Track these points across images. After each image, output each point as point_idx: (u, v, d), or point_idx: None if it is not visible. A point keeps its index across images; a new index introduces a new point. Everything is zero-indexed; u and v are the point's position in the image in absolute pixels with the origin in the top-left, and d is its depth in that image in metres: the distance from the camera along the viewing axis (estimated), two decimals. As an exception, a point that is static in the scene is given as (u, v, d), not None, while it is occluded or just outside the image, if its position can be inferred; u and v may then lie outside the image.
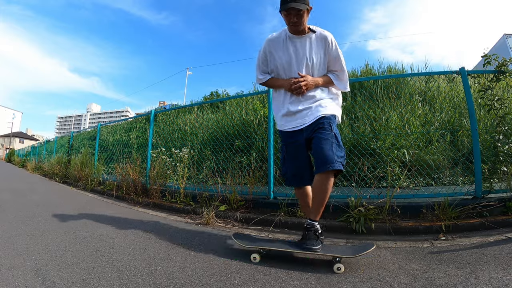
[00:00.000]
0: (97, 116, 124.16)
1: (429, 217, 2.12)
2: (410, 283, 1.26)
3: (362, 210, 2.15)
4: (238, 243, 1.68)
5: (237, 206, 2.79)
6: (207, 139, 4.87)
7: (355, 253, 1.45)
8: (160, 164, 3.81)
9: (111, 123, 8.86)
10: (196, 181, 3.78)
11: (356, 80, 4.38)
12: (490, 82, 2.51)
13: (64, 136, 11.77)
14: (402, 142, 3.42)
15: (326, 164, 1.53)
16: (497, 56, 2.50)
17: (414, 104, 4.09)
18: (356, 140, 3.47)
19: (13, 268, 1.42)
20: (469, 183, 2.85)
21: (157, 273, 1.39)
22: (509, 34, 27.00)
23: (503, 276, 1.27)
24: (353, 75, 6.61)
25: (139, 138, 7.14)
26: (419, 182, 3.12)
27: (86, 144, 8.50)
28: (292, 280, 1.32)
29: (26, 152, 18.66)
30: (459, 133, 3.50)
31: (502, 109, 2.44)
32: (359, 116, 3.93)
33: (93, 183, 5.21)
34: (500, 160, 2.34)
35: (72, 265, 1.47)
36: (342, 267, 1.40)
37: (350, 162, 3.07)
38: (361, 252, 1.44)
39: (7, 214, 2.70)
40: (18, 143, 54.49)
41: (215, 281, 1.31)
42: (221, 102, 6.85)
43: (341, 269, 1.39)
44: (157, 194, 3.66)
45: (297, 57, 1.70)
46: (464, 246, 1.72)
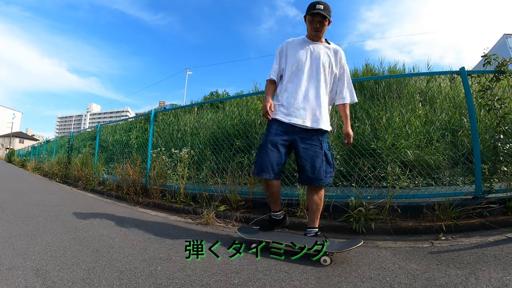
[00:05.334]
0: (97, 116, 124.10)
1: (429, 217, 2.12)
2: (410, 283, 1.26)
3: (362, 210, 2.15)
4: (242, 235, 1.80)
5: (237, 206, 2.79)
6: (207, 139, 4.87)
7: (342, 248, 1.53)
8: (160, 164, 3.81)
9: (111, 123, 8.84)
10: (196, 181, 3.78)
11: (356, 80, 4.38)
12: (490, 82, 2.51)
13: (64, 136, 11.76)
14: (402, 142, 3.42)
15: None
16: (497, 56, 2.49)
17: (415, 104, 4.09)
18: (356, 140, 3.47)
19: (13, 268, 1.41)
20: (469, 183, 2.85)
21: (157, 273, 1.39)
22: (509, 34, 26.97)
23: (503, 276, 1.27)
24: (354, 75, 6.61)
25: (139, 138, 7.13)
26: (419, 182, 3.12)
27: (87, 144, 8.50)
28: (292, 280, 1.32)
29: (26, 152, 18.66)
30: (459, 133, 3.49)
31: (502, 109, 2.43)
32: (359, 116, 3.93)
33: (93, 183, 5.21)
34: (500, 160, 2.34)
35: (72, 265, 1.47)
36: (328, 259, 1.50)
37: (350, 162, 3.07)
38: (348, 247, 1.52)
39: (7, 214, 2.70)
40: (18, 143, 54.50)
41: (215, 281, 1.31)
42: (221, 102, 6.84)
43: (327, 262, 1.49)
44: (157, 194, 3.66)
45: (311, 57, 1.80)
46: (464, 246, 1.72)
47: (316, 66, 1.78)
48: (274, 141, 1.76)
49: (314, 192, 1.79)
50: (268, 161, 1.73)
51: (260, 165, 1.76)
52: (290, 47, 1.87)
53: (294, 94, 1.76)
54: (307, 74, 1.77)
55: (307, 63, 1.78)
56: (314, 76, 1.77)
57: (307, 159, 1.73)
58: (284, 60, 1.87)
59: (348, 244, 1.56)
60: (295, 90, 1.77)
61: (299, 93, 1.76)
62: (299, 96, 1.75)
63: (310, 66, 1.78)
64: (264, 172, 1.75)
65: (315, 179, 1.72)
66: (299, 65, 1.79)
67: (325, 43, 1.85)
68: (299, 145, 1.75)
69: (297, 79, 1.78)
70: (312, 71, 1.78)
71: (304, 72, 1.78)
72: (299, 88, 1.77)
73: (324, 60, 1.80)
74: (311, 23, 1.77)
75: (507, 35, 27.07)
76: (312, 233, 1.78)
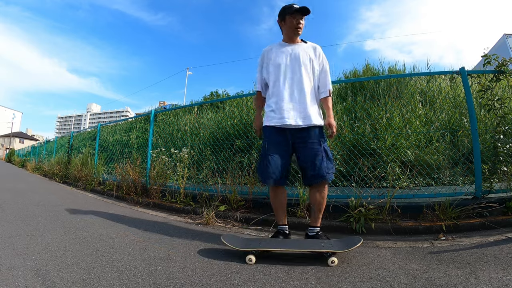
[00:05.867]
0: (97, 116, 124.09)
1: (429, 217, 2.12)
2: (410, 283, 1.26)
3: (363, 210, 2.15)
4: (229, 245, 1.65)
5: (237, 206, 2.79)
6: (207, 139, 4.87)
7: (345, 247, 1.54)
8: (160, 164, 3.81)
9: (111, 123, 8.84)
10: (196, 181, 3.78)
11: (356, 80, 4.37)
12: (490, 82, 2.51)
13: (64, 136, 11.76)
14: (402, 142, 3.42)
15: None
16: (497, 56, 2.49)
17: (415, 104, 4.09)
18: (356, 140, 3.47)
19: (13, 268, 1.41)
20: (469, 183, 2.85)
21: (157, 273, 1.39)
22: (509, 34, 26.96)
23: (503, 276, 1.27)
24: (354, 75, 6.60)
25: (139, 138, 7.12)
26: (419, 182, 3.12)
27: (86, 144, 8.50)
28: (292, 280, 1.32)
29: (26, 152, 18.66)
30: (459, 133, 3.49)
31: (502, 109, 2.43)
32: (359, 116, 3.93)
33: (93, 183, 5.21)
34: (500, 160, 2.34)
35: (72, 265, 1.47)
36: (336, 260, 1.49)
37: (350, 162, 3.07)
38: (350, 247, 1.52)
39: (7, 214, 2.70)
40: (18, 143, 54.49)
41: (215, 281, 1.31)
42: (221, 102, 6.85)
43: (335, 262, 1.48)
44: (157, 194, 3.66)
45: (291, 59, 1.83)
46: (464, 246, 1.72)
47: (298, 66, 1.81)
48: (274, 148, 1.78)
49: (317, 191, 1.78)
50: (271, 167, 1.74)
51: (263, 173, 1.78)
52: (268, 54, 1.91)
53: (281, 97, 1.79)
54: (289, 76, 1.81)
55: (288, 66, 1.82)
56: (297, 76, 1.80)
57: (308, 158, 1.73)
58: (266, 68, 1.91)
59: (349, 243, 1.57)
60: (281, 93, 1.80)
61: (285, 95, 1.79)
62: (285, 98, 1.78)
63: (292, 67, 1.81)
64: (268, 179, 1.76)
65: (318, 176, 1.71)
66: (280, 69, 1.82)
67: (301, 43, 1.89)
68: (297, 146, 1.77)
69: (280, 82, 1.82)
70: (294, 72, 1.81)
71: (286, 74, 1.81)
72: (284, 90, 1.79)
73: (304, 59, 1.82)
74: (292, 23, 1.81)
75: (507, 35, 27.06)
76: (314, 232, 1.79)
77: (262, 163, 1.80)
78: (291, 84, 1.80)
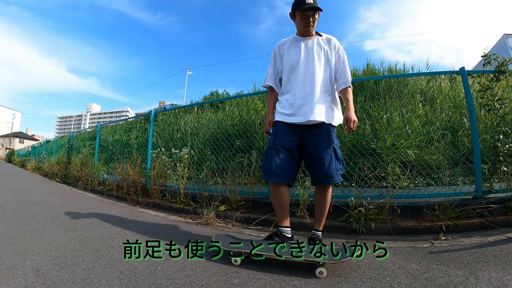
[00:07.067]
0: (97, 116, 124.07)
1: (429, 217, 2.12)
2: (410, 283, 1.26)
3: (363, 210, 2.15)
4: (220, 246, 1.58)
5: (237, 206, 2.79)
6: (207, 139, 4.87)
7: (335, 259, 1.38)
8: (160, 164, 3.81)
9: (111, 123, 8.84)
10: (196, 181, 3.78)
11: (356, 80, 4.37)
12: (490, 82, 2.51)
13: (64, 136, 11.76)
14: (402, 142, 3.42)
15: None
16: (497, 56, 2.49)
17: (415, 104, 4.09)
18: (356, 140, 3.47)
19: (13, 268, 1.41)
20: (469, 183, 2.85)
21: (157, 273, 1.39)
22: (509, 34, 26.96)
23: (503, 276, 1.27)
24: (354, 75, 6.60)
25: (139, 138, 7.12)
26: (419, 182, 3.12)
27: (86, 144, 8.50)
28: (292, 280, 1.32)
29: (26, 152, 18.65)
30: (459, 133, 3.49)
31: (502, 109, 2.44)
32: (359, 116, 3.93)
33: (93, 183, 5.21)
34: (500, 160, 2.34)
35: (72, 265, 1.47)
36: (325, 271, 1.36)
37: (350, 162, 3.07)
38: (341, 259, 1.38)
39: (7, 214, 2.70)
40: (18, 143, 54.49)
41: (215, 281, 1.31)
42: (221, 102, 6.85)
43: (324, 274, 1.35)
44: (157, 194, 3.66)
45: (305, 53, 1.77)
46: (464, 246, 1.72)
47: (311, 60, 1.75)
48: (281, 143, 1.71)
49: (323, 192, 1.73)
50: (276, 163, 1.67)
51: (269, 168, 1.69)
52: (282, 49, 1.86)
53: (293, 93, 1.75)
54: (302, 71, 1.75)
55: (301, 60, 1.76)
56: (310, 71, 1.74)
57: (317, 156, 1.66)
58: (280, 63, 1.87)
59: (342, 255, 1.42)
60: (294, 89, 1.76)
61: (297, 91, 1.74)
62: (297, 94, 1.73)
63: (304, 62, 1.76)
64: (273, 175, 1.67)
65: (326, 177, 1.64)
66: (293, 63, 1.78)
67: (316, 36, 1.82)
68: (307, 143, 1.70)
69: (294, 78, 1.77)
70: (307, 67, 1.75)
71: (300, 70, 1.76)
72: (296, 86, 1.75)
73: (319, 52, 1.77)
74: (303, 18, 1.73)
75: (507, 35, 27.06)
76: (315, 235, 1.76)
77: (266, 158, 1.75)
78: (304, 80, 1.74)
